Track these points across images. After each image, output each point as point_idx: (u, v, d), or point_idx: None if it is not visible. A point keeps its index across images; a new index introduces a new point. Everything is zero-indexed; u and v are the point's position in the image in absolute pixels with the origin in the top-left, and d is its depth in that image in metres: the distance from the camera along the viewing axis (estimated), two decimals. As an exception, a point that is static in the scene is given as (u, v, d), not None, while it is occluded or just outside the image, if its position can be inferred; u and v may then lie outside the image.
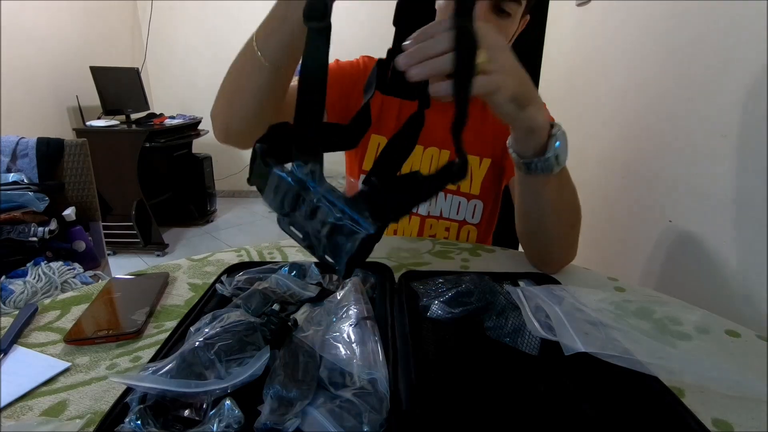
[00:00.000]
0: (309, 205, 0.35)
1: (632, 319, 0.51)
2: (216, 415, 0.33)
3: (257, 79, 0.55)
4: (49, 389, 0.41)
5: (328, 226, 0.34)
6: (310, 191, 0.35)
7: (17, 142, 1.49)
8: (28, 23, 2.43)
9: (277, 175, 0.36)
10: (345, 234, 0.34)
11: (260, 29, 0.53)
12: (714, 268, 0.74)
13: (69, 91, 2.70)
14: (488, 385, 0.40)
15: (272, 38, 0.52)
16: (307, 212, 0.35)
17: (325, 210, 0.34)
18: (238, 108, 0.59)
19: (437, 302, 0.50)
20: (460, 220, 0.87)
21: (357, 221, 0.33)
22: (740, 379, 0.41)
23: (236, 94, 0.58)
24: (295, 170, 0.36)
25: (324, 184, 0.35)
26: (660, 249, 0.91)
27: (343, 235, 0.34)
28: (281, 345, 0.41)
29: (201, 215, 3.28)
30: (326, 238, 0.35)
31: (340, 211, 0.34)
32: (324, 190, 0.35)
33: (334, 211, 0.34)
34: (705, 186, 0.77)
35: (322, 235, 0.35)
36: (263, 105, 0.58)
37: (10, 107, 2.29)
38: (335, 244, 0.35)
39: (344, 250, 0.34)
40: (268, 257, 0.70)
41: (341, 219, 0.34)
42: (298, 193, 0.35)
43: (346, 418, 0.33)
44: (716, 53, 0.75)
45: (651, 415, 0.37)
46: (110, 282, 0.61)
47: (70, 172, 1.49)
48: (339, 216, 0.34)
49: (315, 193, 0.35)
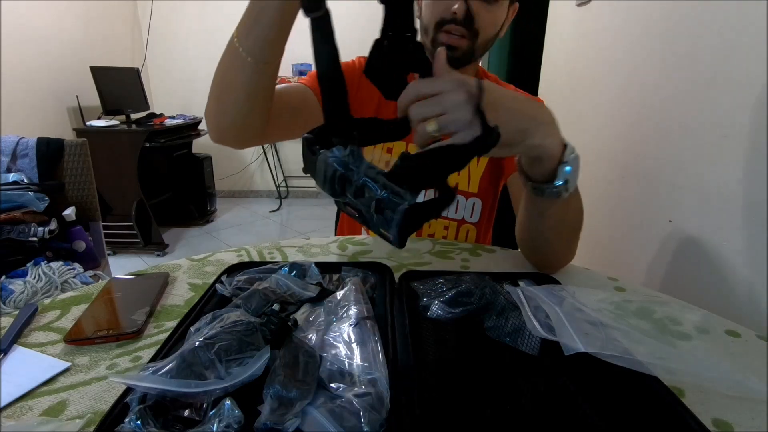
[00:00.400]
0: (355, 184, 0.37)
1: (632, 319, 0.51)
2: (216, 415, 0.33)
3: (242, 76, 0.55)
4: (49, 389, 0.41)
5: (374, 202, 0.36)
6: (353, 171, 0.37)
7: (17, 142, 1.49)
8: (28, 23, 2.43)
9: (322, 160, 0.38)
10: (390, 207, 0.36)
11: (239, 26, 0.53)
12: (714, 268, 0.74)
13: (69, 91, 2.70)
14: (488, 385, 0.40)
15: (252, 34, 0.52)
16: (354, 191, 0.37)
17: (369, 187, 0.36)
18: (227, 106, 0.59)
19: (437, 302, 0.50)
20: (459, 219, 0.86)
21: (398, 193, 0.35)
22: (740, 379, 0.41)
23: (224, 93, 0.58)
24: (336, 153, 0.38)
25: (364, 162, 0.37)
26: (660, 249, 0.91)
27: (389, 208, 0.36)
28: (281, 345, 0.41)
29: (201, 215, 3.28)
30: (375, 213, 0.37)
31: (382, 186, 0.36)
32: (365, 168, 0.37)
33: (377, 187, 0.36)
34: (705, 186, 0.77)
35: (372, 210, 0.37)
36: (251, 101, 0.58)
37: (10, 107, 2.29)
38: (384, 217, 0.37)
39: (393, 222, 0.36)
40: (268, 257, 0.70)
41: (384, 194, 0.36)
42: (342, 174, 0.37)
43: (346, 418, 0.33)
44: (716, 53, 0.75)
45: (651, 415, 0.37)
46: (110, 282, 0.61)
47: (70, 172, 1.49)
48: (382, 191, 0.36)
49: (357, 173, 0.37)
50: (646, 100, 0.98)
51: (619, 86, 1.11)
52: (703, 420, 0.36)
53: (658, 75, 0.93)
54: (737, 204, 0.70)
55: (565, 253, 0.64)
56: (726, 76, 0.73)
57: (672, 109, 0.88)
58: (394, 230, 0.37)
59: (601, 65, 1.23)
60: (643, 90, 0.99)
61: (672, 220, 0.87)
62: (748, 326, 0.52)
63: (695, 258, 0.80)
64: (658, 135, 0.93)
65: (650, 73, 0.97)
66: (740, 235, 0.69)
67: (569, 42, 1.49)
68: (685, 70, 0.84)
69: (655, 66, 0.94)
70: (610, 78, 1.17)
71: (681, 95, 0.85)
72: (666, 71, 0.91)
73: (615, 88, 1.14)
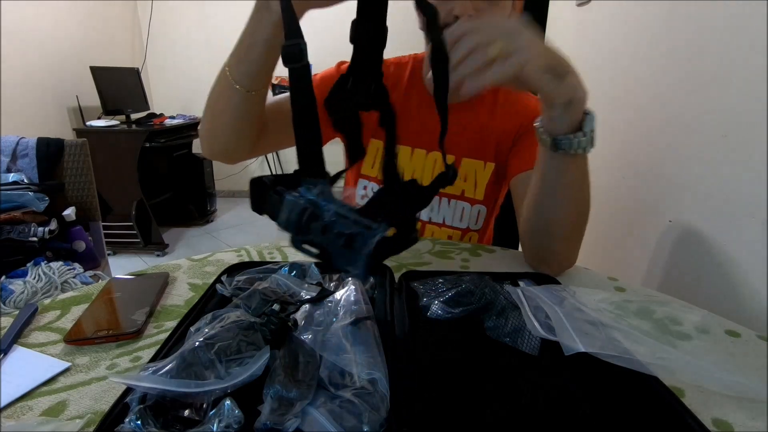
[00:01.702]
0: (322, 223, 0.39)
1: (632, 319, 0.51)
2: (216, 415, 0.33)
3: (232, 102, 0.59)
4: (49, 389, 0.41)
5: (344, 238, 0.39)
6: (322, 210, 0.39)
7: (17, 142, 1.49)
8: (28, 23, 2.43)
9: (290, 201, 0.40)
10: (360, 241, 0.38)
11: (231, 56, 0.57)
12: (714, 267, 0.74)
13: (69, 91, 2.70)
14: (488, 385, 0.40)
15: (242, 65, 0.56)
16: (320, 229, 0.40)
17: (339, 224, 0.39)
18: (219, 129, 0.64)
19: (437, 302, 0.50)
20: (464, 228, 0.86)
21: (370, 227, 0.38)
22: (740, 379, 0.41)
23: (216, 117, 0.63)
24: (305, 192, 0.40)
25: (335, 200, 0.40)
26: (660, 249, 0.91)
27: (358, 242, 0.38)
28: (281, 345, 0.41)
29: (201, 215, 3.28)
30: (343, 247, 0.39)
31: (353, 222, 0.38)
32: (336, 206, 0.39)
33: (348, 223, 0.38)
34: (705, 186, 0.77)
35: (339, 245, 0.39)
36: (241, 126, 0.63)
37: (10, 107, 2.29)
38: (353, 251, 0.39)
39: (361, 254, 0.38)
40: (268, 257, 0.70)
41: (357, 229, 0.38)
42: (312, 212, 0.39)
43: (346, 418, 0.33)
44: (716, 53, 0.75)
45: (651, 415, 0.37)
46: (110, 282, 0.61)
47: (70, 172, 1.49)
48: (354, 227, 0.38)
49: (327, 210, 0.39)
50: (645, 100, 0.98)
51: (619, 86, 1.11)
52: (703, 420, 0.36)
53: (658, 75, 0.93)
54: (737, 204, 0.70)
55: (570, 248, 0.64)
56: (726, 76, 0.73)
57: (672, 109, 0.88)
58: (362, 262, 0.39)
59: (601, 65, 1.23)
60: (642, 90, 0.99)
61: (672, 220, 0.87)
62: (748, 326, 0.52)
63: (695, 258, 0.80)
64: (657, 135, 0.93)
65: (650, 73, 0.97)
66: (740, 235, 0.69)
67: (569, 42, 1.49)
68: (685, 70, 0.84)
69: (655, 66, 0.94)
70: (610, 78, 1.17)
71: (681, 95, 0.85)
72: (666, 71, 0.91)
73: (615, 88, 1.13)
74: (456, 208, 0.85)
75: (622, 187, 1.09)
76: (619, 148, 1.11)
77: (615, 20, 1.16)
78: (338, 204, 0.40)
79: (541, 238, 0.64)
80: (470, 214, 0.85)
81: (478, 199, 0.84)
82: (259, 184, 0.44)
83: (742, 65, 0.69)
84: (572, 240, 0.63)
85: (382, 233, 0.38)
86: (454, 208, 0.85)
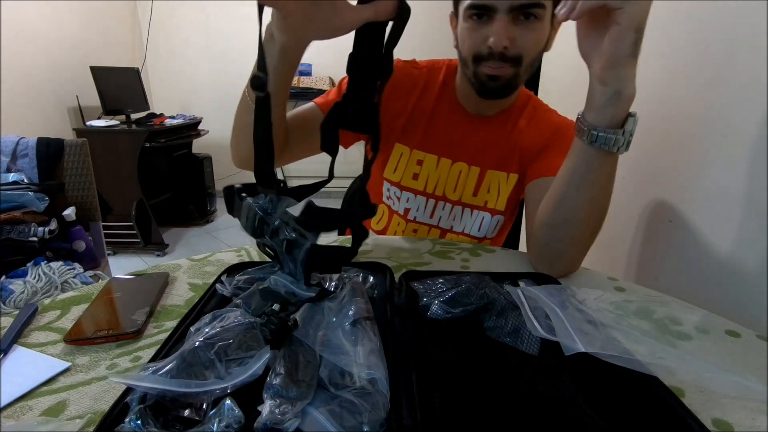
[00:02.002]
0: (272, 227, 0.44)
1: (632, 319, 0.51)
2: (216, 415, 0.33)
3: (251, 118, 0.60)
4: (49, 389, 0.41)
5: (285, 242, 0.43)
6: (269, 216, 0.44)
7: (17, 142, 1.49)
8: (28, 23, 2.43)
9: (247, 205, 0.46)
10: (297, 246, 0.43)
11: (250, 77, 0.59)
12: (714, 267, 0.74)
13: (69, 91, 2.70)
14: (488, 385, 0.40)
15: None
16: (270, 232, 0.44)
17: (283, 230, 0.44)
18: (243, 142, 0.67)
19: (437, 302, 0.50)
20: (481, 237, 0.87)
21: (304, 234, 0.43)
22: (740, 379, 0.41)
23: (240, 131, 0.67)
24: (259, 200, 0.46)
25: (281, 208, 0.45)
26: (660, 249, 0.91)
27: (296, 247, 0.43)
28: (281, 345, 0.41)
29: (201, 215, 3.28)
30: (286, 252, 0.44)
31: (292, 229, 0.43)
32: (280, 212, 0.44)
33: (288, 229, 0.43)
34: (705, 186, 0.77)
35: (283, 249, 0.44)
36: None
37: (10, 107, 2.29)
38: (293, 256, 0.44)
39: (299, 259, 0.44)
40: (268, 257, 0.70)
41: (294, 235, 0.43)
42: (261, 217, 0.45)
43: (346, 418, 0.33)
44: (717, 53, 0.75)
45: (651, 415, 0.37)
46: (110, 282, 0.61)
47: (70, 172, 1.49)
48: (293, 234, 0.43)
49: (273, 217, 0.44)
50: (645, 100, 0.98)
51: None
52: (703, 420, 0.36)
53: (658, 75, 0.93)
54: (737, 204, 0.69)
55: (579, 251, 0.64)
56: (726, 77, 0.73)
57: (672, 109, 0.88)
58: (300, 266, 0.44)
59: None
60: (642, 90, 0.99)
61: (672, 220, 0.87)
62: (748, 326, 0.52)
63: (695, 258, 0.80)
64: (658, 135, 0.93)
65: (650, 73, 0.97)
66: (740, 235, 0.69)
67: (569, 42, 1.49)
68: (686, 70, 0.84)
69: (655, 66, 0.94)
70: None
71: (681, 95, 0.85)
72: (666, 71, 0.91)
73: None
74: (477, 218, 0.85)
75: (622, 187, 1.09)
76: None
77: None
78: (282, 211, 0.45)
79: (553, 237, 0.63)
80: (489, 224, 0.85)
81: (499, 210, 0.84)
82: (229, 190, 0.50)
83: (742, 65, 0.69)
84: (583, 244, 0.63)
85: (312, 242, 0.42)
86: (475, 218, 0.85)
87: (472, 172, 0.83)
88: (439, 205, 0.86)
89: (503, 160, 0.82)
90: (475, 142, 0.82)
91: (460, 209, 0.85)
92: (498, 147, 0.82)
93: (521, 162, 0.82)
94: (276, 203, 0.46)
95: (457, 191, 0.84)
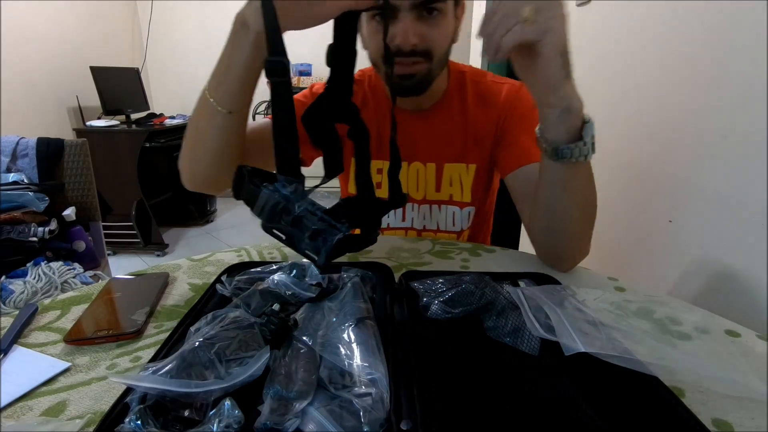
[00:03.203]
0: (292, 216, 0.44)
1: (632, 319, 0.51)
2: (216, 415, 0.33)
3: (213, 125, 0.59)
4: (49, 389, 0.41)
5: (309, 231, 0.44)
6: (294, 204, 0.44)
7: (17, 142, 1.49)
8: (28, 23, 2.42)
9: (266, 193, 0.45)
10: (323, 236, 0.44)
11: (211, 79, 0.57)
12: (714, 267, 0.74)
13: (69, 91, 2.70)
14: (488, 385, 0.40)
15: (222, 86, 0.56)
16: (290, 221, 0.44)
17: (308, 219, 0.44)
18: (201, 153, 0.62)
19: (437, 302, 0.50)
20: (458, 231, 0.86)
21: (334, 225, 0.44)
22: (740, 379, 0.41)
23: (197, 141, 0.62)
24: (280, 188, 0.45)
25: (306, 199, 0.45)
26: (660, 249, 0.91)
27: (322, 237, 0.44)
28: (281, 345, 0.41)
29: (201, 215, 3.28)
30: (308, 239, 0.44)
31: (320, 219, 0.44)
32: (306, 203, 0.44)
33: (315, 220, 0.44)
34: (705, 186, 0.77)
35: (305, 237, 0.44)
36: (223, 149, 0.61)
37: (10, 107, 2.28)
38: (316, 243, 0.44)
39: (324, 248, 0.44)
40: (268, 257, 0.70)
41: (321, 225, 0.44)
42: (285, 206, 0.44)
43: (346, 418, 0.33)
44: (716, 53, 0.75)
45: (651, 415, 0.37)
46: (110, 282, 0.61)
47: (70, 172, 1.49)
48: (320, 223, 0.44)
49: (299, 206, 0.44)
50: (645, 100, 0.98)
51: (619, 86, 1.11)
52: (703, 420, 0.36)
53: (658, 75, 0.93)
54: (737, 204, 0.69)
55: (584, 242, 0.64)
56: (726, 77, 0.73)
57: (672, 110, 0.88)
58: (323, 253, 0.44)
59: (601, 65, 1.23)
60: (642, 90, 0.99)
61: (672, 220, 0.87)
62: (748, 326, 0.52)
63: (695, 258, 0.80)
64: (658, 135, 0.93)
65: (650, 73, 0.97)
66: (740, 235, 0.69)
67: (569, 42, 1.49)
68: (686, 71, 0.84)
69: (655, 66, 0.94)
70: (609, 78, 1.17)
71: (681, 95, 0.85)
72: (666, 71, 0.91)
73: (615, 89, 1.14)
74: (447, 213, 0.85)
75: (623, 187, 1.09)
76: (618, 148, 1.11)
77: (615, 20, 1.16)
78: (308, 202, 0.45)
79: (555, 240, 0.64)
80: (461, 217, 0.85)
81: (466, 202, 0.84)
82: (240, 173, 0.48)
83: (742, 65, 0.69)
84: (584, 235, 0.64)
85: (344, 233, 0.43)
86: (445, 213, 0.85)
87: (429, 169, 0.82)
88: (407, 207, 0.85)
89: (458, 151, 0.81)
90: (425, 139, 0.81)
91: (428, 207, 0.85)
92: (450, 138, 0.81)
93: (480, 149, 0.81)
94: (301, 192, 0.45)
95: (420, 190, 0.84)
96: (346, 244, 0.45)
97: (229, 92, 0.56)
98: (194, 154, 0.63)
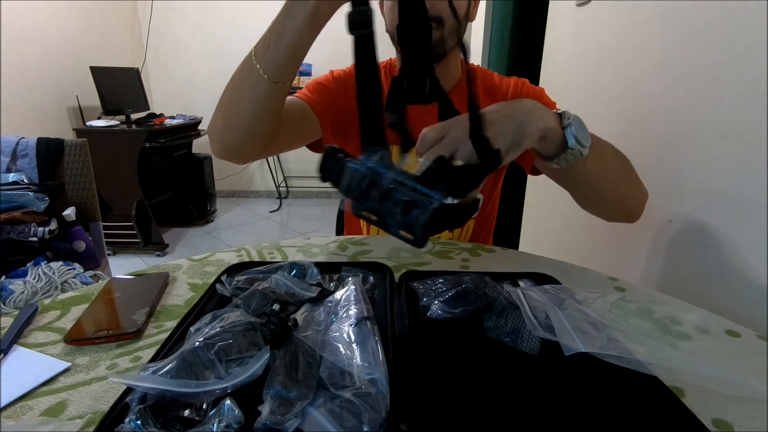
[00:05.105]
0: (381, 189, 0.39)
1: (632, 319, 0.51)
2: (216, 415, 0.33)
3: (255, 91, 0.57)
4: (49, 389, 0.41)
5: (401, 204, 0.38)
6: (381, 176, 0.39)
7: (17, 142, 1.49)
8: (28, 23, 2.43)
9: (351, 168, 0.41)
10: (418, 208, 0.38)
11: (260, 43, 0.55)
12: (714, 267, 0.74)
13: (69, 91, 2.70)
14: (488, 385, 0.40)
15: (270, 52, 0.54)
16: (378, 196, 0.39)
17: (397, 191, 0.38)
18: (236, 120, 0.60)
19: (437, 302, 0.50)
20: None
21: (428, 195, 0.38)
22: (740, 379, 0.41)
23: (234, 106, 0.59)
24: (365, 160, 0.41)
25: (393, 168, 0.40)
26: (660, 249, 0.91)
27: (416, 209, 0.38)
28: (281, 345, 0.41)
29: (201, 215, 3.28)
30: (401, 214, 0.39)
31: (411, 189, 0.38)
32: (394, 173, 0.39)
33: (407, 190, 0.38)
34: (705, 186, 0.77)
35: (397, 212, 0.38)
36: (259, 117, 0.59)
37: (10, 107, 2.29)
38: (410, 218, 0.39)
39: (419, 222, 0.38)
40: (268, 257, 0.70)
41: (414, 195, 0.38)
42: (372, 179, 0.39)
43: (346, 418, 0.33)
44: (716, 53, 0.75)
45: (651, 415, 0.37)
46: (110, 282, 0.61)
47: (70, 172, 1.49)
48: (411, 193, 0.38)
49: (386, 178, 0.39)
50: (646, 100, 0.98)
51: (619, 86, 1.11)
52: (703, 420, 0.36)
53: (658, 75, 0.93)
54: (737, 204, 0.69)
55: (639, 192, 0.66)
56: (726, 76, 0.73)
57: (672, 109, 0.88)
58: (419, 229, 0.38)
59: (601, 65, 1.23)
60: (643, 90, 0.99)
61: (672, 220, 0.87)
62: (748, 326, 0.52)
63: (695, 258, 0.80)
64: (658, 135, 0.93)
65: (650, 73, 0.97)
66: (740, 235, 0.69)
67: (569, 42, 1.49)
68: (686, 70, 0.84)
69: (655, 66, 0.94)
70: (609, 78, 1.17)
71: (681, 95, 0.85)
72: (666, 71, 0.90)
73: (615, 88, 1.13)
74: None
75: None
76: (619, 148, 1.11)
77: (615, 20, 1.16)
78: (397, 171, 0.40)
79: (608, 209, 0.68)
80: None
81: None
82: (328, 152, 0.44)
83: (742, 65, 0.69)
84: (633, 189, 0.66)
85: (440, 201, 0.38)
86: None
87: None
88: None
89: None
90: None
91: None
92: None
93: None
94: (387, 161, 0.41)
95: None
96: (444, 217, 0.40)
97: (277, 61, 0.54)
98: (229, 120, 0.61)
